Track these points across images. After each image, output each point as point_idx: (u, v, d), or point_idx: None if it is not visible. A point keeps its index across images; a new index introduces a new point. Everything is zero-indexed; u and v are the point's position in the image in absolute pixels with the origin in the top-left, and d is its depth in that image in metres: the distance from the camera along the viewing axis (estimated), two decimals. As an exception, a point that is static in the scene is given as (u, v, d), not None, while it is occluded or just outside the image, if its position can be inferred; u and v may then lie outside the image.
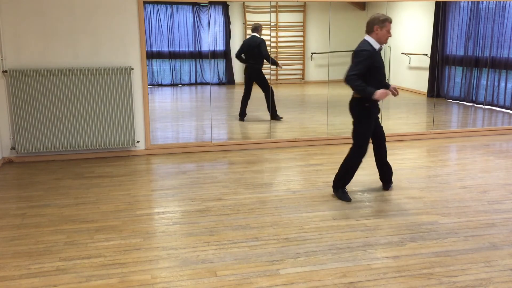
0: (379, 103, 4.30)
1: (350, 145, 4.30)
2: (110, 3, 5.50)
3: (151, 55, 10.55)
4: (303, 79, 11.13)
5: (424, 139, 6.62)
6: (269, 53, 7.67)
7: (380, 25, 4.10)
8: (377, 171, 5.16)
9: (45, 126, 5.46)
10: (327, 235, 3.53)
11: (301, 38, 11.08)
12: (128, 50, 5.63)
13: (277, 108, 7.50)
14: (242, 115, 7.62)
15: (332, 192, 4.44)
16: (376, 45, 4.13)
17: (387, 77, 4.46)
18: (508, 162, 5.50)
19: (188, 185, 4.70)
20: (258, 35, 7.60)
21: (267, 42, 7.93)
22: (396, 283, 2.87)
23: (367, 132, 4.22)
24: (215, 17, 10.51)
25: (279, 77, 11.06)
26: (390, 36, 4.16)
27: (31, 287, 2.84)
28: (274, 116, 7.37)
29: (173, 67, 10.81)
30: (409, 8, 9.52)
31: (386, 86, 4.25)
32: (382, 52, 4.35)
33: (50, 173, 5.12)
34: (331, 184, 4.70)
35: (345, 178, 4.37)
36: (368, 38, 4.17)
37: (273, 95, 7.34)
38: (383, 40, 4.12)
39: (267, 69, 10.67)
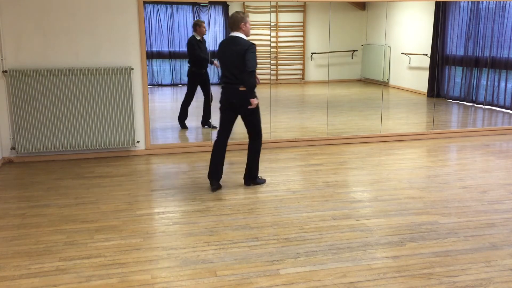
0: None
1: (253, 138, 4.61)
2: (110, 3, 5.50)
3: (151, 55, 10.55)
4: (303, 79, 11.13)
5: (424, 139, 6.62)
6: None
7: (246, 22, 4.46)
8: (376, 171, 5.17)
9: (45, 126, 5.46)
10: (327, 235, 3.53)
11: (301, 38, 11.09)
12: (128, 50, 5.63)
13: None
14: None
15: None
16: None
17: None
18: (508, 162, 5.50)
19: (188, 185, 4.70)
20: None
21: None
22: (396, 283, 2.87)
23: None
24: (215, 17, 10.52)
25: (279, 77, 11.07)
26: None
27: (31, 287, 2.84)
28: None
29: (173, 67, 10.81)
30: (409, 8, 9.52)
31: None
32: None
33: (50, 173, 5.12)
34: (331, 184, 4.71)
35: (258, 166, 4.70)
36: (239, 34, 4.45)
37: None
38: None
39: (267, 69, 10.69)
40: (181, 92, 10.86)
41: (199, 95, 7.06)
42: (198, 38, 6.94)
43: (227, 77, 4.45)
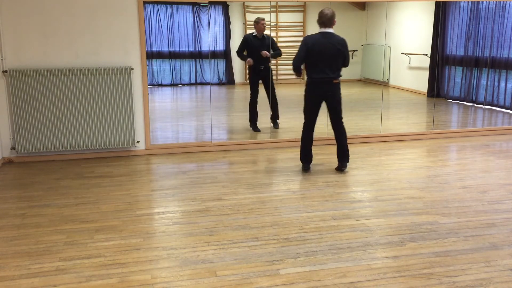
0: None
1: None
2: (110, 3, 5.50)
3: (151, 55, 10.55)
4: (303, 79, 11.13)
5: (424, 139, 6.62)
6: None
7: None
8: (376, 171, 5.17)
9: (45, 126, 5.46)
10: (327, 235, 3.53)
11: (301, 38, 11.06)
12: (128, 50, 5.63)
13: (278, 108, 7.47)
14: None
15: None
16: None
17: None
18: (508, 162, 5.50)
19: (188, 185, 4.70)
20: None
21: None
22: (396, 283, 2.87)
23: None
24: (215, 17, 10.51)
25: (279, 77, 11.06)
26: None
27: (31, 287, 2.84)
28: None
29: (173, 67, 10.81)
30: (409, 8, 9.52)
31: None
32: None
33: (50, 173, 5.12)
34: (331, 184, 4.71)
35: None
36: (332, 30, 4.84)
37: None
38: None
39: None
40: (181, 92, 10.87)
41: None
42: (255, 34, 6.83)
43: (324, 72, 4.74)
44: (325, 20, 4.73)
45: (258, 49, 6.79)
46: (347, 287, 2.82)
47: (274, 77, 10.46)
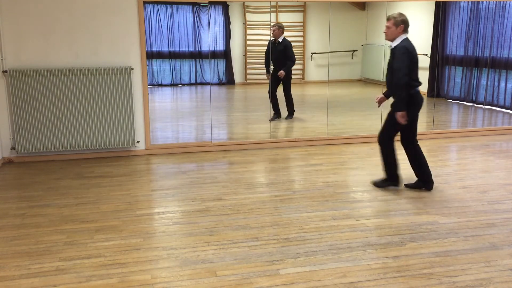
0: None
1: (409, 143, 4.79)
2: (110, 3, 5.50)
3: (151, 55, 10.55)
4: (303, 79, 11.13)
5: (424, 139, 6.61)
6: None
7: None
8: (376, 171, 5.16)
9: (45, 126, 5.46)
10: (327, 235, 3.53)
11: (301, 38, 11.08)
12: (128, 50, 5.63)
13: (292, 103, 7.76)
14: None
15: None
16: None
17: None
18: (508, 162, 5.50)
19: (188, 185, 4.70)
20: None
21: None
22: (396, 283, 2.87)
23: None
24: (215, 17, 10.52)
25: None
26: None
27: (31, 287, 2.84)
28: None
29: (173, 67, 10.81)
30: (409, 8, 9.51)
31: None
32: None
33: (50, 173, 5.12)
34: (331, 184, 4.71)
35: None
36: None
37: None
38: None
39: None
40: (181, 92, 10.87)
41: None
42: (272, 40, 7.35)
43: (419, 81, 4.46)
44: (408, 24, 4.46)
45: (273, 54, 7.31)
46: (347, 287, 2.82)
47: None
